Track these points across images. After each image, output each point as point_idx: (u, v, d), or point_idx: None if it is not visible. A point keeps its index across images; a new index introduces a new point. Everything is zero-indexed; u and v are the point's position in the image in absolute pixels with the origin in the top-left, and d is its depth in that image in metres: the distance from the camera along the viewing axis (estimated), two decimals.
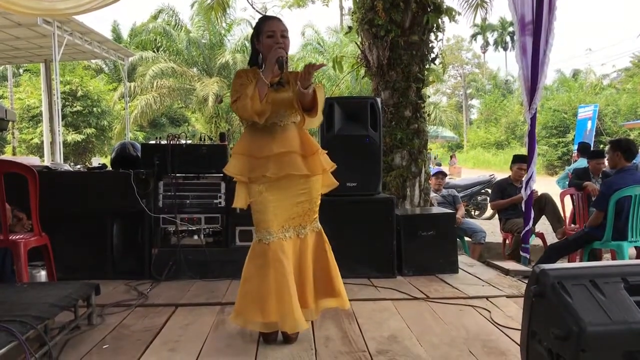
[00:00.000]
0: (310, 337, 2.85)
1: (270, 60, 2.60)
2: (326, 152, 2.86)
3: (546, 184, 10.16)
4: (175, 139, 4.33)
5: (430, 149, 7.08)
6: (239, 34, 23.47)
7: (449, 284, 4.02)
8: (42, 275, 3.65)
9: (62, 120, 14.18)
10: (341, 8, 26.69)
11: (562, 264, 4.45)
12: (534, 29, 4.79)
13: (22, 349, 2.14)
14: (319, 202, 2.85)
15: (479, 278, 4.23)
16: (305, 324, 2.67)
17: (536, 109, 4.95)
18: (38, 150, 21.87)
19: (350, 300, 2.95)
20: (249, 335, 2.86)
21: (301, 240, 2.78)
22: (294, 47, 24.84)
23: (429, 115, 6.45)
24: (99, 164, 5.18)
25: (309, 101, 2.60)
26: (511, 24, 32.19)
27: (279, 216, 2.71)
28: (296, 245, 2.76)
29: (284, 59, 2.58)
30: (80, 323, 2.95)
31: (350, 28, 7.01)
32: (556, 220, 6.35)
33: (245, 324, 2.72)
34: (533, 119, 4.98)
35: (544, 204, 6.34)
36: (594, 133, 17.76)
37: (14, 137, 22.39)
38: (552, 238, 6.40)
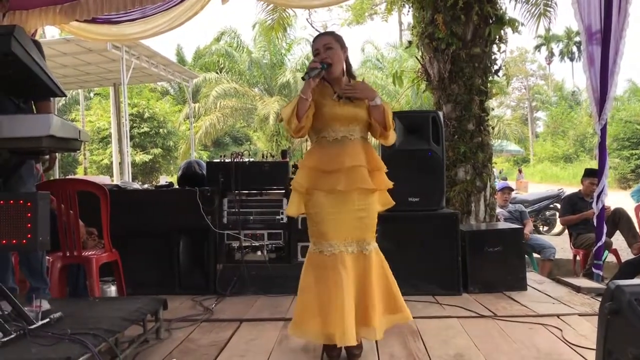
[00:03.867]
0: (374, 354, 2.81)
1: (309, 77, 2.64)
2: (387, 166, 2.84)
3: (619, 198, 9.74)
4: (239, 156, 4.42)
5: (495, 163, 6.91)
6: (299, 52, 23.94)
7: (517, 302, 3.89)
8: (113, 290, 3.77)
9: (130, 141, 14.74)
10: (400, 23, 26.63)
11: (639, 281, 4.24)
12: (602, 38, 4.62)
13: None
14: (377, 220, 2.81)
15: (549, 295, 4.07)
16: (353, 339, 2.56)
17: (606, 120, 4.76)
18: (107, 170, 22.76)
19: (414, 317, 2.90)
20: (313, 351, 2.86)
21: (365, 257, 2.70)
22: (354, 63, 24.99)
23: (492, 128, 6.33)
24: (166, 182, 5.33)
25: (381, 117, 2.69)
26: (577, 33, 31.35)
27: (339, 229, 2.67)
28: (359, 262, 2.69)
29: (317, 69, 2.64)
30: (148, 337, 3.02)
31: (410, 42, 7.00)
32: (631, 236, 6.06)
33: (304, 334, 2.71)
34: (603, 131, 4.78)
35: (618, 219, 6.07)
36: None
37: (85, 158, 23.38)
38: (627, 254, 6.12)
